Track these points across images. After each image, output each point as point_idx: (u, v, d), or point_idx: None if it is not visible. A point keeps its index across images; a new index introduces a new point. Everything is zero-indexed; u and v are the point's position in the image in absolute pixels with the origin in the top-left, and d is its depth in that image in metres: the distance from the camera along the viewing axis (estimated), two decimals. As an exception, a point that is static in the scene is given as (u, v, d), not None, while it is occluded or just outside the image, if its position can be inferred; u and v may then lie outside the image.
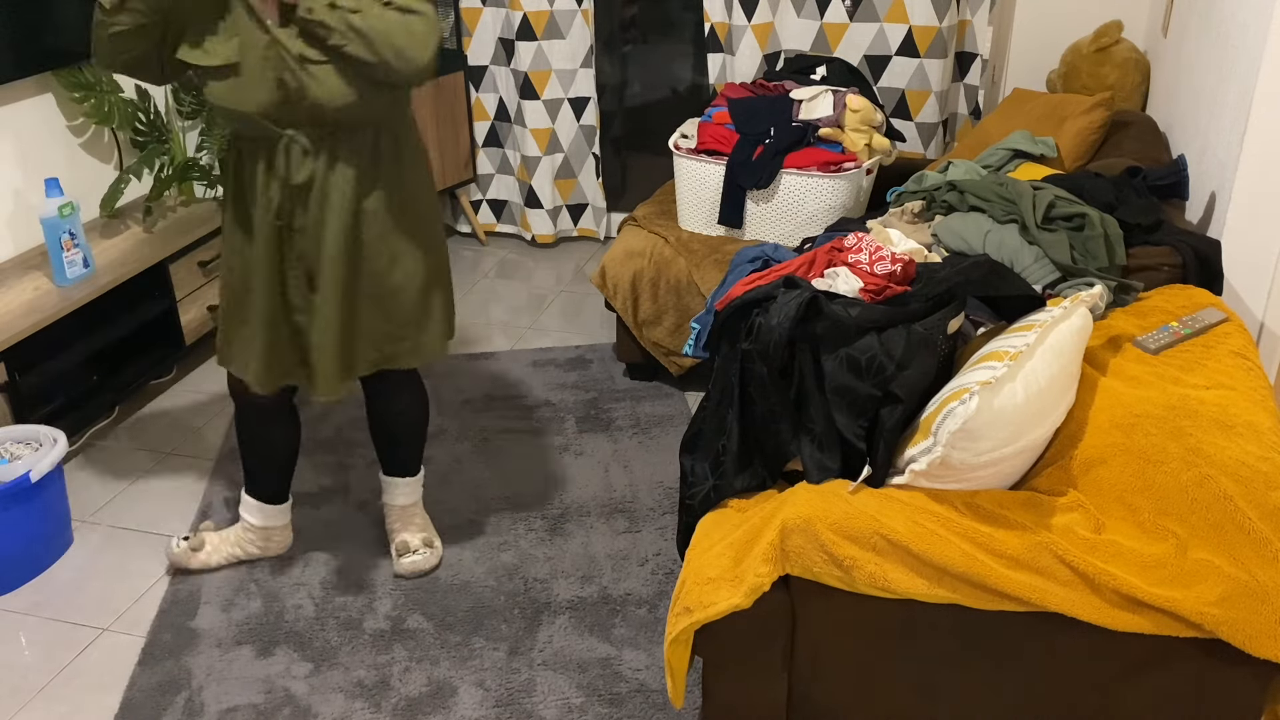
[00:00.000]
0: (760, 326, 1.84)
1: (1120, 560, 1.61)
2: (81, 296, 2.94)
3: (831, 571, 1.66)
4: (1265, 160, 2.35)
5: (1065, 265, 2.23)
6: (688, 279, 3.13)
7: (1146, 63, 3.45)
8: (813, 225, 3.13)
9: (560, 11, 4.02)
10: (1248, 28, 2.43)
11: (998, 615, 1.64)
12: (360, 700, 2.19)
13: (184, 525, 2.75)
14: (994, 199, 2.43)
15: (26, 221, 3.21)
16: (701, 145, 3.23)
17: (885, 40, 3.70)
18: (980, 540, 1.63)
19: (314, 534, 2.69)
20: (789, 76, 3.49)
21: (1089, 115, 3.03)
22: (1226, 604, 1.54)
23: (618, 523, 2.71)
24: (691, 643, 1.74)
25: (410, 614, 2.42)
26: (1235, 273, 2.43)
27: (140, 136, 3.47)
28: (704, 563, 1.75)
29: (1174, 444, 1.68)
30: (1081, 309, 1.80)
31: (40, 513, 2.56)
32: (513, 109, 4.25)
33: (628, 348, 3.32)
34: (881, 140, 3.18)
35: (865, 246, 2.01)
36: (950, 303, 1.90)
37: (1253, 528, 1.57)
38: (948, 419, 1.65)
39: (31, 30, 3.05)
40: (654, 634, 2.34)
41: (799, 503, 1.72)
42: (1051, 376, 1.69)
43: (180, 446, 3.10)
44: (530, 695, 2.18)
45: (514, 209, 4.50)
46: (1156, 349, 1.97)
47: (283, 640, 2.35)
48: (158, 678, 2.26)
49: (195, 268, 3.38)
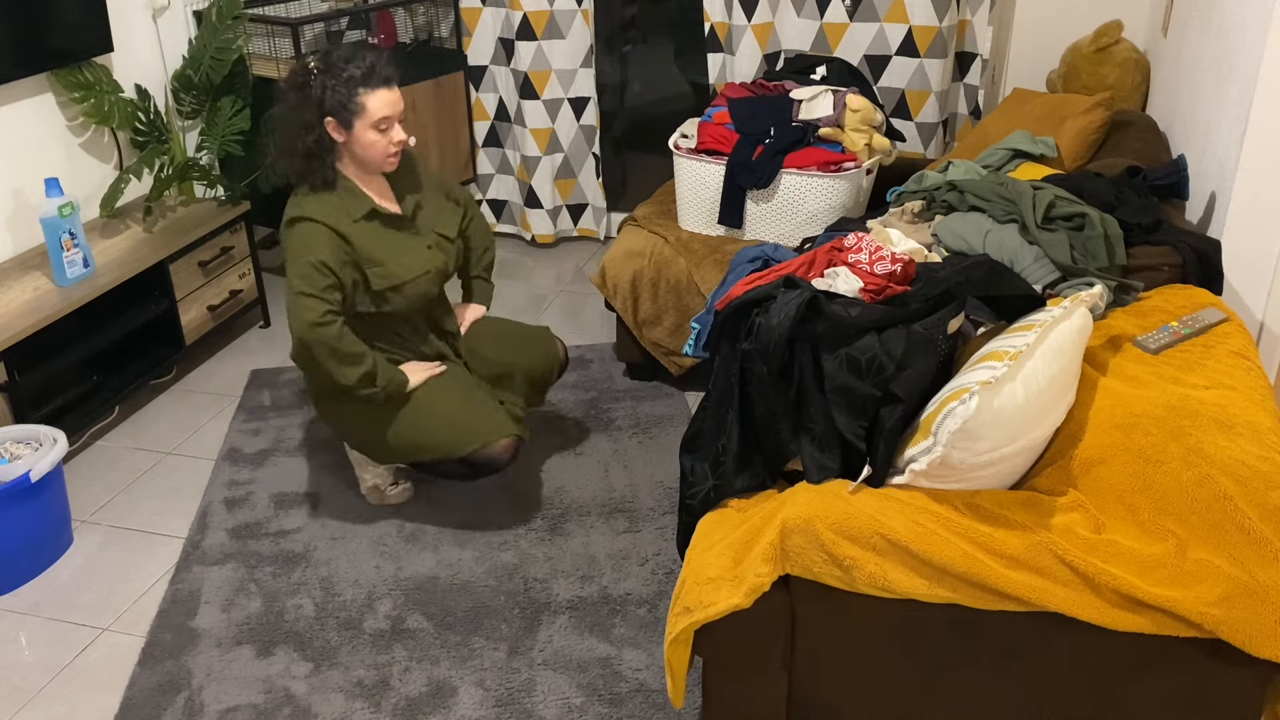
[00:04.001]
0: (760, 326, 1.84)
1: (1120, 560, 1.61)
2: (81, 296, 2.94)
3: (831, 571, 1.66)
4: (1265, 160, 2.35)
5: (1065, 265, 2.23)
6: (688, 279, 3.13)
7: (1146, 63, 3.45)
8: (813, 225, 3.13)
9: (560, 11, 4.02)
10: (1248, 28, 2.43)
11: (998, 615, 1.64)
12: (360, 700, 2.19)
13: (184, 525, 2.75)
14: (994, 199, 2.43)
15: (26, 221, 3.21)
16: (701, 145, 3.23)
17: (885, 40, 3.70)
18: (980, 540, 1.63)
19: (314, 534, 2.69)
20: (789, 76, 3.49)
21: (1089, 115, 3.02)
22: (1226, 604, 1.54)
23: (618, 523, 2.70)
24: (691, 643, 1.74)
25: (410, 614, 2.41)
26: (1235, 273, 2.43)
27: (140, 136, 3.47)
28: (704, 562, 1.75)
29: (1174, 444, 1.68)
30: (1081, 309, 1.80)
31: (40, 513, 2.56)
32: (513, 109, 4.24)
33: (628, 348, 3.32)
34: (881, 140, 3.18)
35: (865, 246, 2.01)
36: (950, 303, 1.90)
37: (1253, 528, 1.57)
38: (948, 419, 1.65)
39: (31, 30, 3.05)
40: (654, 634, 2.34)
41: (799, 503, 1.72)
42: (1051, 376, 1.69)
43: (180, 446, 3.10)
44: (530, 695, 2.18)
45: (514, 209, 4.49)
46: (1156, 349, 1.96)
47: (283, 640, 2.35)
48: (158, 678, 2.26)
49: (195, 268, 3.38)
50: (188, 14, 3.75)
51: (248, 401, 3.31)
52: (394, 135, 2.44)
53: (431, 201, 2.68)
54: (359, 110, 2.39)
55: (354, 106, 2.38)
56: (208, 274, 3.43)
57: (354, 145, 2.44)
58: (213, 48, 3.49)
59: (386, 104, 2.40)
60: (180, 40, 3.73)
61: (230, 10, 3.48)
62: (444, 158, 4.19)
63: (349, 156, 2.48)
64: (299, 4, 4.03)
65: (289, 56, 3.77)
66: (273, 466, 2.98)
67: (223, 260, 3.50)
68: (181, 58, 3.61)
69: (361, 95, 2.38)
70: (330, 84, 2.38)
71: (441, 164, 4.18)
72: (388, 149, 2.45)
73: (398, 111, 2.43)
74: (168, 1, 3.65)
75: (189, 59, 3.53)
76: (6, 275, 3.04)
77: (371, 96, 2.38)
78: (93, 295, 2.97)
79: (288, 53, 3.92)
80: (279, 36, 3.92)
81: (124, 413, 3.27)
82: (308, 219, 2.41)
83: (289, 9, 3.98)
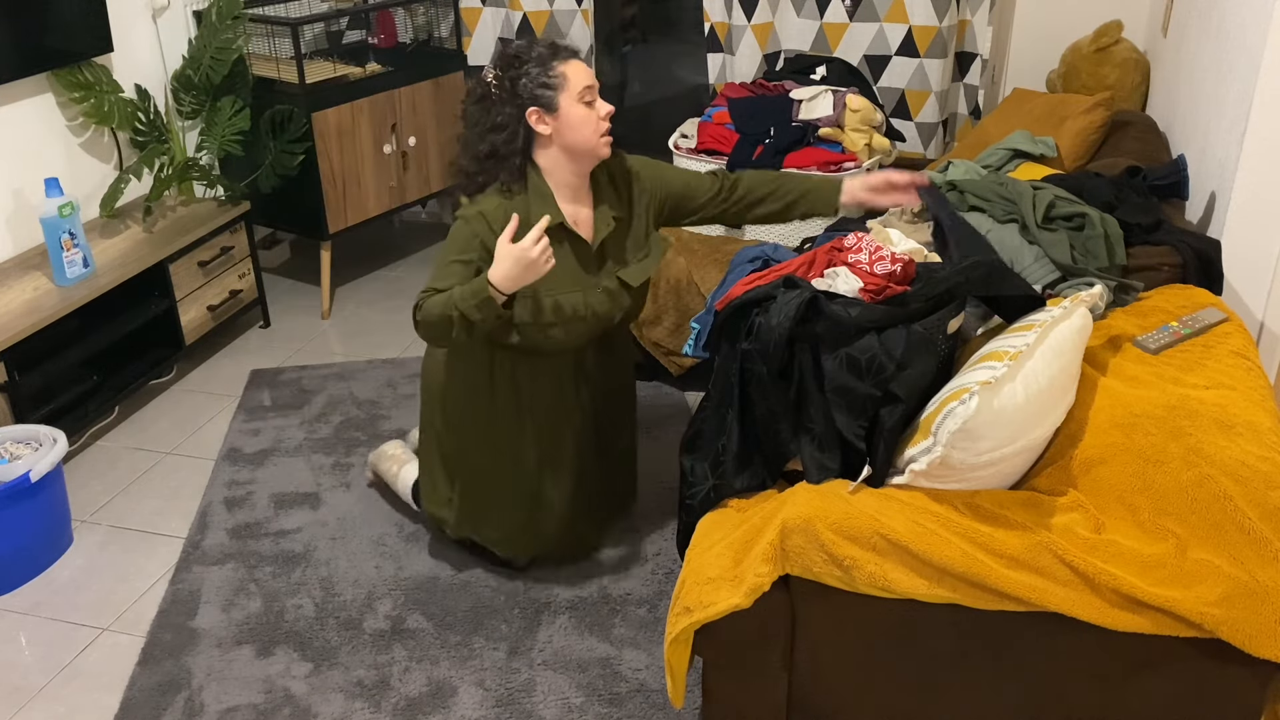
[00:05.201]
0: (760, 326, 1.84)
1: (1120, 560, 1.61)
2: (81, 296, 2.94)
3: (831, 571, 1.66)
4: (1265, 160, 2.35)
5: (1065, 265, 2.23)
6: (688, 279, 3.13)
7: (1146, 63, 3.45)
8: (812, 225, 3.13)
9: (560, 11, 4.02)
10: (1247, 28, 2.43)
11: (998, 615, 1.64)
12: (360, 700, 2.19)
13: (184, 525, 2.75)
14: (994, 199, 2.43)
15: (26, 221, 3.21)
16: (701, 145, 3.23)
17: (885, 40, 3.70)
18: (980, 540, 1.63)
19: (314, 534, 2.69)
20: (789, 76, 3.49)
21: (1089, 115, 3.02)
22: (1226, 604, 1.54)
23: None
24: (691, 642, 1.74)
25: (410, 614, 2.41)
26: (1235, 273, 2.43)
27: (140, 136, 3.47)
28: (704, 562, 1.75)
29: (1174, 444, 1.68)
30: (1081, 309, 1.80)
31: (40, 513, 2.56)
32: (513, 109, 4.24)
33: (628, 348, 3.32)
34: (881, 140, 3.18)
35: (865, 246, 2.01)
36: (950, 303, 1.90)
37: (1253, 528, 1.57)
38: (948, 419, 1.65)
39: (31, 30, 3.05)
40: (654, 634, 2.34)
41: (799, 503, 1.72)
42: (1051, 376, 1.69)
43: (180, 446, 3.10)
44: (530, 695, 2.18)
45: (514, 209, 4.49)
46: (1156, 349, 1.96)
47: (283, 640, 2.35)
48: (158, 678, 2.26)
49: (195, 268, 3.38)
50: (188, 14, 3.75)
51: (248, 401, 3.31)
52: (601, 108, 2.19)
53: (633, 232, 2.34)
54: (561, 83, 2.16)
55: (554, 81, 2.15)
56: (208, 274, 3.43)
57: (565, 131, 2.17)
58: (213, 48, 3.49)
59: (585, 73, 2.18)
60: (180, 40, 3.73)
61: (230, 10, 3.48)
62: (444, 157, 4.19)
63: (558, 152, 2.20)
64: (299, 4, 4.03)
65: (289, 56, 3.77)
66: (273, 466, 2.98)
67: (223, 260, 3.50)
68: (181, 58, 3.61)
69: (559, 67, 2.16)
70: (518, 74, 2.16)
71: (442, 164, 4.18)
72: (600, 126, 2.18)
73: (597, 85, 2.20)
74: (168, 1, 3.65)
75: (189, 59, 3.53)
76: (6, 275, 3.04)
77: (568, 65, 2.17)
78: (93, 295, 2.97)
79: (288, 53, 3.92)
80: (279, 36, 3.92)
81: (124, 413, 3.27)
82: (476, 215, 2.17)
83: (289, 9, 3.98)
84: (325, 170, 3.68)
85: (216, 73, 3.50)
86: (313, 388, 3.38)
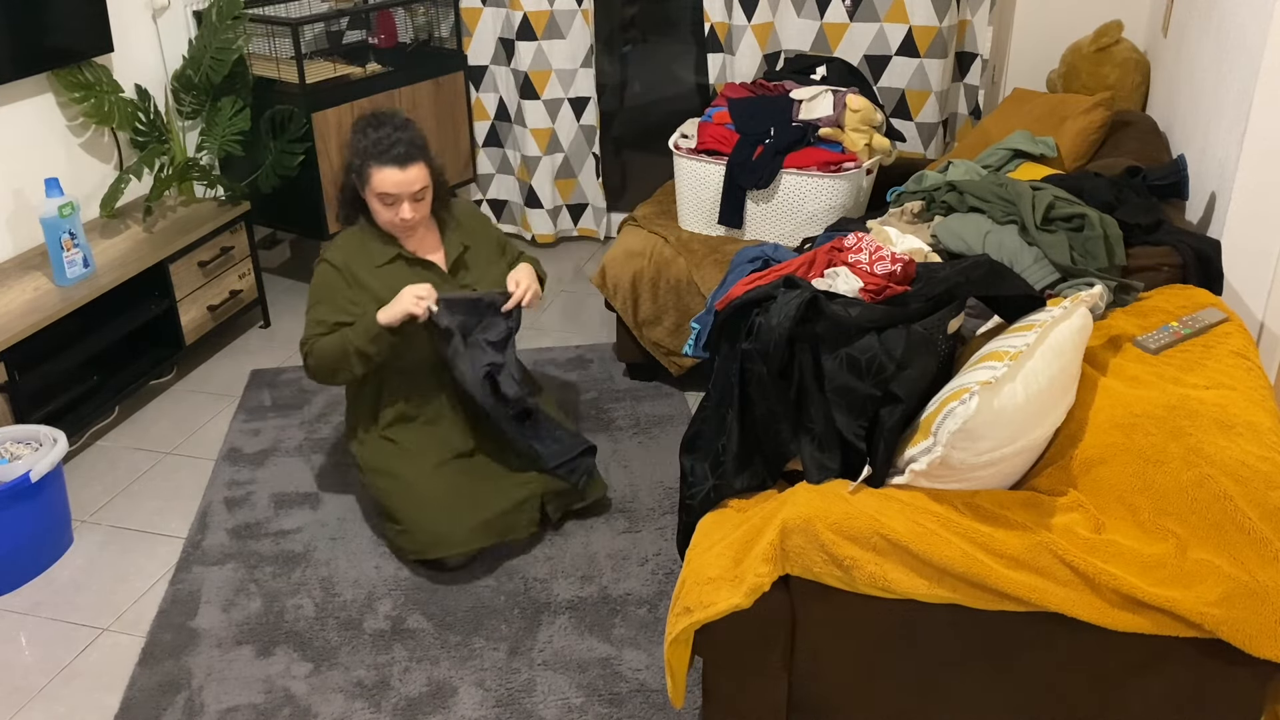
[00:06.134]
0: (760, 326, 1.84)
1: (1120, 560, 1.61)
2: (81, 296, 2.94)
3: (831, 571, 1.66)
4: (1265, 160, 2.35)
5: (1065, 266, 2.23)
6: (688, 279, 3.13)
7: (1146, 63, 3.45)
8: (813, 225, 3.13)
9: (560, 11, 4.02)
10: (1247, 28, 2.43)
11: (998, 615, 1.64)
12: (360, 700, 2.19)
13: (184, 525, 2.75)
14: (994, 199, 2.43)
15: (26, 221, 3.21)
16: (701, 145, 3.23)
17: (885, 40, 3.70)
18: (980, 540, 1.63)
19: (314, 534, 2.69)
20: (789, 76, 3.49)
21: (1089, 115, 3.02)
22: (1226, 604, 1.54)
23: (618, 523, 2.70)
24: (691, 643, 1.74)
25: (410, 614, 2.41)
26: (1235, 273, 2.43)
27: (140, 136, 3.47)
28: (704, 563, 1.75)
29: (1174, 444, 1.68)
30: (1081, 309, 1.80)
31: (40, 513, 2.56)
32: (513, 109, 4.24)
33: (628, 348, 3.32)
34: (881, 140, 3.18)
35: (865, 246, 2.01)
36: (950, 303, 1.90)
37: (1253, 528, 1.57)
38: (948, 419, 1.65)
39: (31, 30, 3.05)
40: (654, 634, 2.34)
41: (799, 503, 1.72)
42: (1051, 376, 1.69)
43: (180, 446, 3.10)
44: (530, 695, 2.18)
45: (514, 209, 4.49)
46: (1156, 349, 1.96)
47: (283, 640, 2.35)
48: (158, 678, 2.26)
49: (195, 268, 3.38)
50: (188, 14, 3.75)
51: (248, 401, 3.31)
52: (400, 211, 2.48)
53: (482, 257, 2.69)
54: (367, 179, 2.48)
55: (363, 173, 2.48)
56: (208, 274, 3.43)
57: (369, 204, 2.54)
58: (213, 48, 3.49)
59: (392, 182, 2.44)
60: (180, 40, 3.73)
61: (230, 10, 3.48)
62: (444, 158, 4.19)
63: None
64: (299, 4, 4.03)
65: (289, 57, 3.77)
66: (273, 466, 2.98)
67: (223, 260, 3.50)
68: (181, 58, 3.61)
69: (370, 167, 2.46)
70: (357, 143, 2.50)
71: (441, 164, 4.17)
72: (392, 220, 2.50)
73: (407, 191, 2.46)
74: (168, 1, 3.65)
75: (189, 59, 3.53)
76: (6, 275, 3.04)
77: (379, 172, 2.45)
78: (93, 295, 2.97)
79: (288, 53, 3.92)
80: (279, 36, 3.92)
81: (124, 413, 3.27)
82: (325, 261, 2.54)
83: (289, 9, 3.98)
84: (325, 170, 3.68)
85: (217, 73, 3.51)
86: (313, 388, 3.38)
